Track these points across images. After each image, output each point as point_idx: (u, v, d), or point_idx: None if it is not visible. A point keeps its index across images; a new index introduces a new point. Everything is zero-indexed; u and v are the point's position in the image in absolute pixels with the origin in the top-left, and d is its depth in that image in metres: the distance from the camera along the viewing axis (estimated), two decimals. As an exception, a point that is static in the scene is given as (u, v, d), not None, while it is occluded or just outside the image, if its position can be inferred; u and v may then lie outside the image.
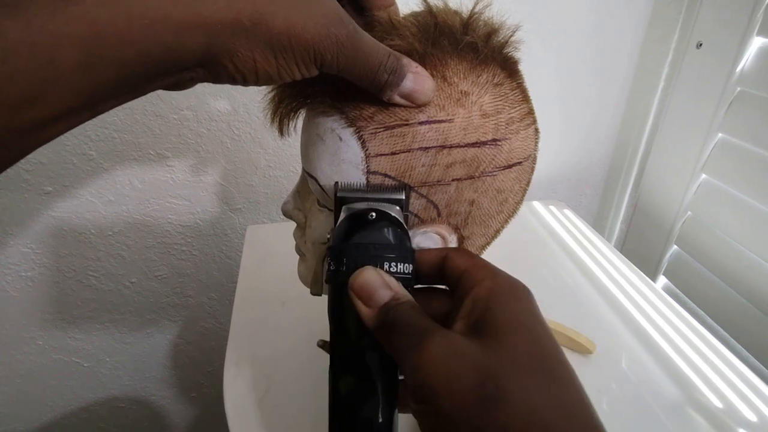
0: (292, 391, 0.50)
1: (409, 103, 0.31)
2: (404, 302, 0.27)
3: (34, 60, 0.21)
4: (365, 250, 0.29)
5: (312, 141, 0.35)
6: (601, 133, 0.90)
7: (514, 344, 0.24)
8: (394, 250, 0.29)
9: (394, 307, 0.26)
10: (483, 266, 0.28)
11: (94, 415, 0.94)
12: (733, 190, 0.70)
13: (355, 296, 0.27)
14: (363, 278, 0.27)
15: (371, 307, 0.27)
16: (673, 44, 0.77)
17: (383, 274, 0.28)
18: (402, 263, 0.29)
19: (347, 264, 0.29)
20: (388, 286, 0.27)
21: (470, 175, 0.33)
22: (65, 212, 0.73)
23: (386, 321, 0.26)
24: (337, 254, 0.29)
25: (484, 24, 0.34)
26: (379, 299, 0.27)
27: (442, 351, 0.24)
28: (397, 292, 0.27)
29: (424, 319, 0.26)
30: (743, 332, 0.70)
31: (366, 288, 0.27)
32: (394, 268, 0.29)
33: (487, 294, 0.26)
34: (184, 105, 0.70)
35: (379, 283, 0.27)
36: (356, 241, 0.29)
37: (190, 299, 0.87)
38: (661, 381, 0.52)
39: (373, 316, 0.27)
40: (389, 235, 0.30)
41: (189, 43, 0.24)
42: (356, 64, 0.28)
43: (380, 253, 0.29)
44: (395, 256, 0.29)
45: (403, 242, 0.30)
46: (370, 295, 0.27)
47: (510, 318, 0.25)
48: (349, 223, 0.30)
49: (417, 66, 0.30)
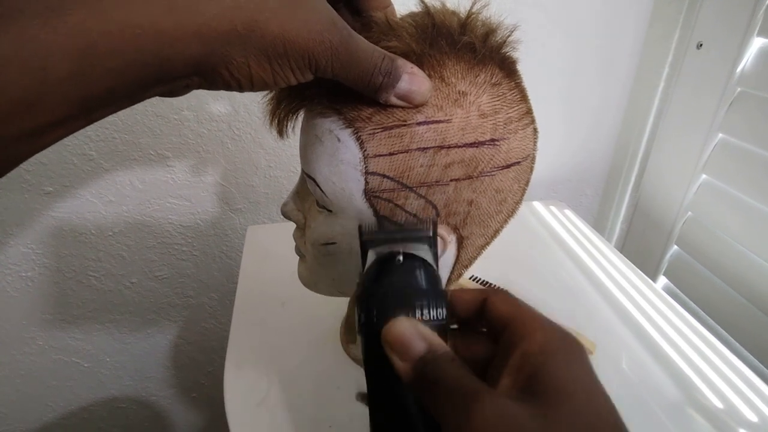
0: (293, 391, 0.50)
1: (406, 103, 0.31)
2: (442, 355, 0.25)
3: (26, 70, 0.21)
4: (395, 298, 0.27)
5: (310, 142, 0.35)
6: (602, 133, 0.90)
7: (572, 414, 0.22)
8: (426, 296, 0.27)
9: (431, 361, 0.24)
10: (531, 315, 0.26)
11: (94, 415, 0.94)
12: (733, 191, 0.70)
13: (390, 350, 0.26)
14: (396, 330, 0.26)
15: (406, 361, 0.25)
16: (673, 44, 0.77)
17: (417, 325, 0.26)
18: (435, 309, 0.27)
19: (377, 315, 0.27)
20: (422, 337, 0.25)
21: (469, 175, 0.33)
22: (65, 212, 0.73)
23: (424, 376, 0.24)
24: (366, 304, 0.27)
25: (481, 24, 0.34)
26: (415, 352, 0.25)
27: (492, 417, 0.21)
28: (433, 342, 0.25)
29: (466, 375, 0.23)
30: (743, 332, 0.70)
31: (400, 340, 0.25)
32: (427, 315, 0.27)
33: (540, 349, 0.24)
34: (185, 105, 0.70)
35: (413, 334, 0.25)
36: (385, 288, 0.28)
37: (190, 299, 0.87)
38: (661, 381, 0.52)
39: (410, 370, 0.25)
40: (420, 279, 0.28)
41: (183, 52, 0.24)
42: (351, 68, 0.28)
43: (411, 300, 0.27)
44: (427, 301, 0.27)
45: (434, 285, 0.28)
46: (405, 349, 0.25)
47: (566, 381, 0.23)
48: (376, 269, 0.29)
49: (412, 67, 0.30)
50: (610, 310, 0.62)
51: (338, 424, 0.46)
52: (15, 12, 0.21)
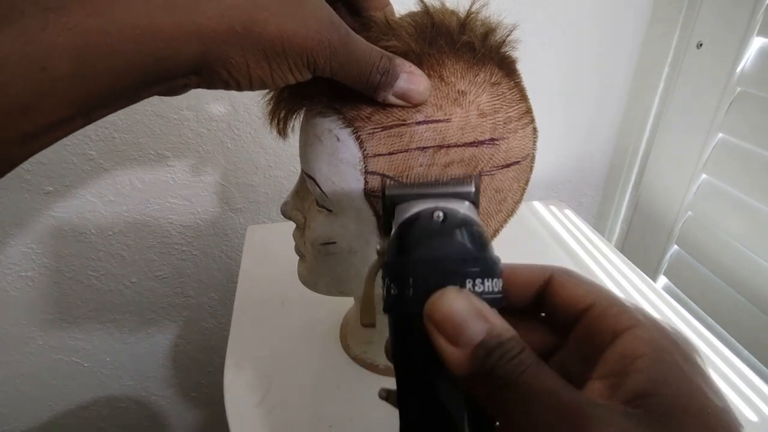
0: (293, 391, 0.50)
1: (405, 102, 0.31)
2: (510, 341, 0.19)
3: (26, 71, 0.21)
4: (439, 264, 0.21)
5: (310, 141, 0.35)
6: (602, 133, 0.90)
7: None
8: (477, 262, 0.21)
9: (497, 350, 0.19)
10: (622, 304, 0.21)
11: (94, 415, 0.94)
12: (733, 190, 0.70)
13: (435, 331, 0.20)
14: (446, 304, 0.20)
15: (461, 347, 0.19)
16: (673, 44, 0.77)
17: (473, 298, 0.20)
18: (490, 279, 0.21)
19: (415, 285, 0.21)
20: (482, 316, 0.20)
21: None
22: (65, 212, 0.73)
23: (489, 371, 0.19)
24: (399, 273, 0.21)
25: (481, 23, 0.34)
26: (472, 335, 0.19)
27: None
28: (495, 324, 0.20)
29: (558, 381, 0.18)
30: (744, 332, 0.70)
31: (451, 319, 0.20)
32: (480, 287, 0.21)
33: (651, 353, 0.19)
34: (185, 105, 0.70)
35: (470, 310, 0.20)
36: (424, 253, 0.22)
37: (190, 299, 0.87)
38: (660, 381, 0.52)
39: (465, 360, 0.19)
40: (467, 241, 0.22)
41: (182, 51, 0.24)
42: (349, 67, 0.28)
43: (459, 267, 0.21)
44: (480, 269, 0.21)
45: (486, 250, 0.22)
46: (459, 330, 0.19)
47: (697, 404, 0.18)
48: (409, 230, 0.23)
49: (411, 66, 0.30)
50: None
51: (338, 423, 0.46)
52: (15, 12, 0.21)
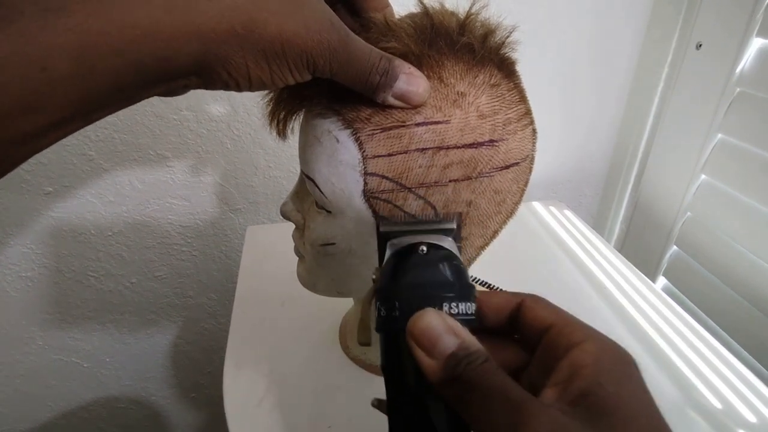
0: (292, 392, 0.50)
1: (404, 104, 0.31)
2: (476, 353, 0.23)
3: (26, 71, 0.21)
4: (421, 289, 0.25)
5: (309, 143, 0.35)
6: (601, 133, 0.90)
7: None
8: (453, 288, 0.25)
9: (465, 360, 0.22)
10: (576, 323, 0.24)
11: (93, 416, 0.94)
12: (732, 191, 0.70)
13: (414, 344, 0.23)
14: (424, 322, 0.23)
15: (435, 358, 0.23)
16: (672, 45, 0.77)
17: (446, 318, 0.24)
18: (464, 303, 0.25)
19: (401, 308, 0.25)
20: (453, 332, 0.23)
21: (467, 176, 0.33)
22: (65, 212, 0.73)
23: (458, 378, 0.22)
24: (388, 297, 0.25)
25: (480, 25, 0.34)
26: (444, 348, 0.23)
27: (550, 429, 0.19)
28: (465, 339, 0.23)
29: (511, 383, 0.21)
30: (743, 333, 0.70)
31: (427, 334, 0.23)
32: (455, 309, 0.25)
33: (593, 363, 0.22)
34: (184, 105, 0.70)
35: (443, 328, 0.23)
36: (409, 280, 0.25)
37: (190, 299, 0.87)
38: (660, 382, 0.52)
39: (438, 368, 0.22)
40: (446, 271, 0.26)
41: (182, 52, 0.24)
42: (348, 68, 0.29)
43: (438, 292, 0.25)
44: (455, 295, 0.25)
45: (462, 278, 0.26)
46: (434, 343, 0.23)
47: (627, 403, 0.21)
48: (397, 260, 0.27)
49: (410, 67, 0.30)
50: (610, 311, 0.62)
51: (337, 424, 0.46)
52: (15, 13, 0.21)
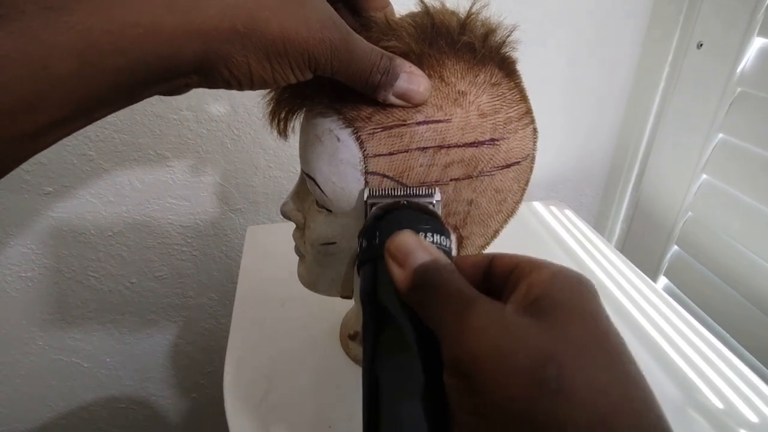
0: (293, 392, 0.49)
1: (405, 103, 0.31)
2: (444, 265, 0.24)
3: (28, 70, 0.21)
4: (399, 221, 0.27)
5: (310, 142, 0.35)
6: (602, 133, 0.90)
7: (579, 330, 0.21)
8: (429, 222, 0.27)
9: (433, 269, 0.24)
10: (540, 260, 0.25)
11: (94, 416, 0.94)
12: (733, 191, 0.70)
13: (390, 259, 0.25)
14: (400, 239, 0.25)
15: (406, 268, 0.24)
16: (673, 44, 0.77)
17: (422, 240, 0.26)
18: (440, 235, 0.27)
19: (380, 236, 0.27)
20: (426, 250, 0.25)
21: (468, 175, 0.33)
22: (65, 213, 0.73)
23: (423, 282, 0.24)
24: (370, 230, 0.27)
25: (481, 24, 0.34)
26: (415, 260, 0.24)
27: (491, 319, 0.21)
28: (437, 256, 0.25)
29: (466, 284, 0.23)
30: (744, 333, 0.70)
31: (402, 249, 0.25)
32: (430, 238, 0.26)
33: (549, 278, 0.23)
34: (184, 105, 0.70)
35: (417, 245, 0.25)
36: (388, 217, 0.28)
37: (190, 300, 0.87)
38: (661, 381, 0.52)
39: (408, 277, 0.24)
40: (424, 213, 0.28)
41: (183, 50, 0.24)
42: (349, 66, 0.29)
43: (416, 223, 0.27)
44: (431, 227, 0.27)
45: (438, 221, 0.28)
46: (406, 256, 0.25)
47: (575, 305, 0.22)
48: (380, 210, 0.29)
49: (411, 66, 0.30)
50: (610, 310, 0.61)
51: (338, 424, 0.46)
52: (16, 11, 0.21)
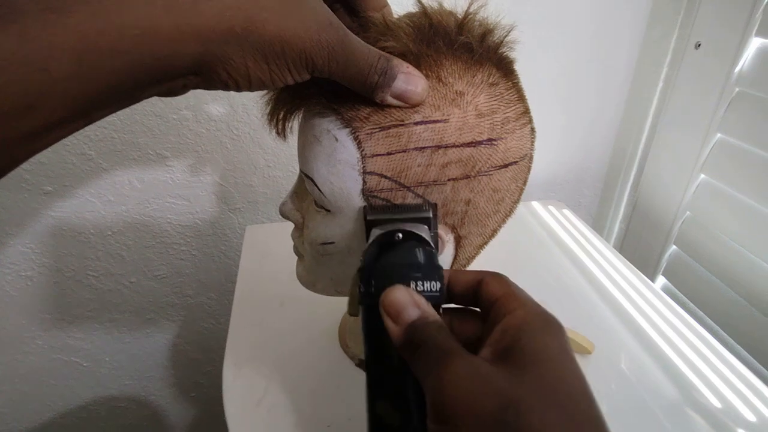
0: (292, 391, 0.50)
1: (403, 103, 0.31)
2: (431, 322, 0.27)
3: (27, 71, 0.21)
4: (392, 270, 0.29)
5: (308, 142, 0.35)
6: (600, 133, 0.90)
7: (540, 376, 0.23)
8: (420, 269, 0.29)
9: (420, 326, 0.26)
10: (517, 295, 0.28)
11: (93, 415, 0.94)
12: (731, 191, 0.70)
13: (384, 314, 0.28)
14: (392, 296, 0.28)
15: (399, 325, 0.27)
16: (671, 44, 0.77)
17: (413, 293, 0.28)
18: (429, 281, 0.29)
19: (375, 285, 0.29)
20: (416, 305, 0.27)
21: (466, 175, 0.33)
22: (65, 212, 0.73)
23: (413, 339, 0.26)
24: (366, 276, 0.30)
25: (479, 24, 0.34)
26: (407, 317, 0.27)
27: (464, 372, 0.23)
28: (426, 311, 0.27)
29: (449, 340, 0.26)
30: (742, 332, 0.70)
31: (395, 305, 0.27)
32: (421, 286, 0.29)
33: (519, 324, 0.25)
34: (183, 105, 0.70)
35: (408, 301, 0.27)
36: (384, 262, 0.30)
37: (189, 299, 0.87)
38: (660, 381, 0.52)
39: (401, 333, 0.27)
40: (417, 255, 0.30)
41: (181, 52, 0.24)
42: (347, 67, 0.29)
43: (407, 272, 0.29)
44: (422, 275, 0.29)
45: (430, 261, 0.30)
46: (399, 313, 0.27)
47: (539, 350, 0.24)
48: (377, 246, 0.31)
49: (408, 66, 0.30)
50: (609, 310, 0.62)
51: (337, 424, 0.46)
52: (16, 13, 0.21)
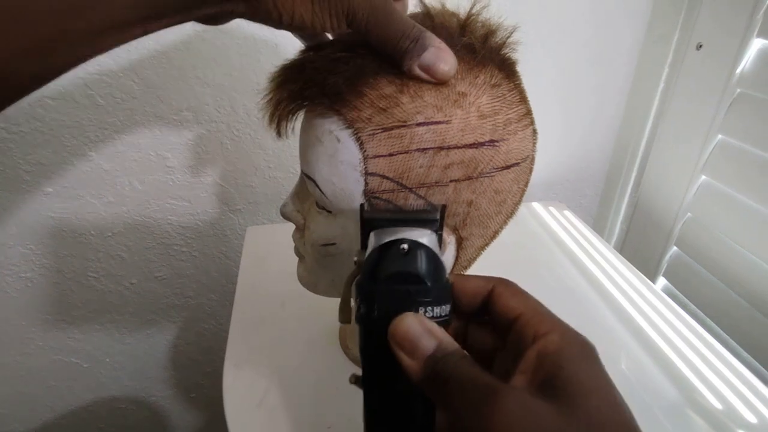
0: (292, 392, 0.50)
1: (429, 77, 0.31)
2: (453, 352, 0.25)
3: None
4: (399, 294, 0.26)
5: (310, 143, 0.35)
6: (601, 134, 0.90)
7: (592, 410, 0.22)
8: (430, 293, 0.27)
9: (442, 359, 0.24)
10: (543, 314, 0.26)
11: (93, 416, 0.94)
12: (732, 192, 0.70)
13: (397, 347, 0.26)
14: (404, 327, 0.25)
15: (416, 359, 0.25)
16: (672, 45, 0.77)
17: (425, 321, 0.26)
18: (440, 306, 0.27)
19: (379, 309, 0.26)
20: (431, 334, 0.25)
21: (468, 176, 0.33)
22: (65, 213, 0.73)
23: (436, 374, 0.24)
24: (367, 296, 0.27)
25: (481, 25, 0.34)
26: (424, 350, 0.25)
27: (517, 411, 0.22)
28: (442, 340, 0.25)
29: (481, 372, 0.24)
30: (743, 334, 0.70)
31: (408, 338, 0.25)
32: (430, 312, 0.26)
33: (557, 351, 0.24)
34: (184, 106, 0.70)
35: (422, 331, 0.25)
36: (389, 281, 0.27)
37: (189, 300, 0.87)
38: (660, 382, 0.52)
39: (419, 369, 0.25)
40: (426, 274, 0.27)
41: None
42: (382, 28, 0.30)
43: (416, 297, 0.26)
44: (431, 299, 0.27)
45: (440, 280, 0.27)
46: (414, 346, 0.25)
47: (586, 381, 0.23)
48: (379, 257, 0.28)
49: (441, 42, 0.31)
50: (609, 311, 0.62)
51: (337, 424, 0.46)
52: None
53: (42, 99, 0.64)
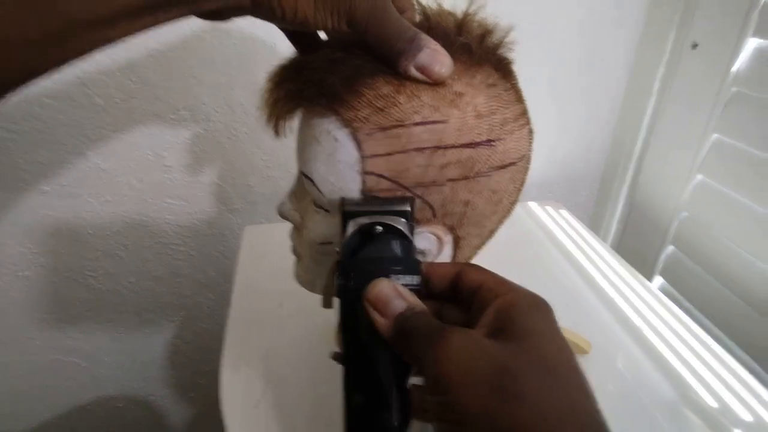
0: (289, 392, 0.50)
1: (424, 77, 0.31)
2: (419, 311, 0.28)
3: None
4: (372, 264, 0.30)
5: (308, 142, 0.35)
6: (597, 133, 0.91)
7: (532, 347, 0.24)
8: (400, 263, 0.30)
9: (409, 316, 0.27)
10: (503, 280, 0.29)
11: (91, 415, 0.94)
12: (728, 191, 0.71)
13: (370, 307, 0.28)
14: (377, 290, 0.28)
15: (387, 317, 0.28)
16: (668, 45, 0.77)
17: (396, 285, 0.29)
18: (409, 275, 0.30)
19: (355, 278, 0.30)
20: (402, 297, 0.28)
21: (465, 176, 0.34)
22: (63, 212, 0.73)
23: (403, 329, 0.27)
24: (345, 269, 0.30)
25: (478, 25, 0.34)
26: (395, 309, 0.28)
27: (461, 343, 0.25)
28: (412, 302, 0.28)
29: (437, 321, 0.27)
30: (739, 332, 0.70)
31: (381, 299, 0.28)
32: (401, 280, 0.29)
33: (511, 304, 0.27)
34: (182, 105, 0.70)
35: (394, 293, 0.28)
36: (363, 255, 0.31)
37: (187, 299, 0.87)
38: (656, 381, 0.52)
39: (390, 325, 0.27)
40: (396, 248, 0.31)
41: None
42: (380, 28, 0.30)
43: (387, 266, 0.30)
44: (402, 268, 0.30)
45: (409, 254, 0.31)
46: (385, 306, 0.28)
47: (531, 326, 0.26)
48: (356, 239, 0.31)
49: (436, 44, 0.31)
50: (606, 310, 0.62)
51: (334, 424, 0.46)
52: None
53: (40, 98, 0.64)
